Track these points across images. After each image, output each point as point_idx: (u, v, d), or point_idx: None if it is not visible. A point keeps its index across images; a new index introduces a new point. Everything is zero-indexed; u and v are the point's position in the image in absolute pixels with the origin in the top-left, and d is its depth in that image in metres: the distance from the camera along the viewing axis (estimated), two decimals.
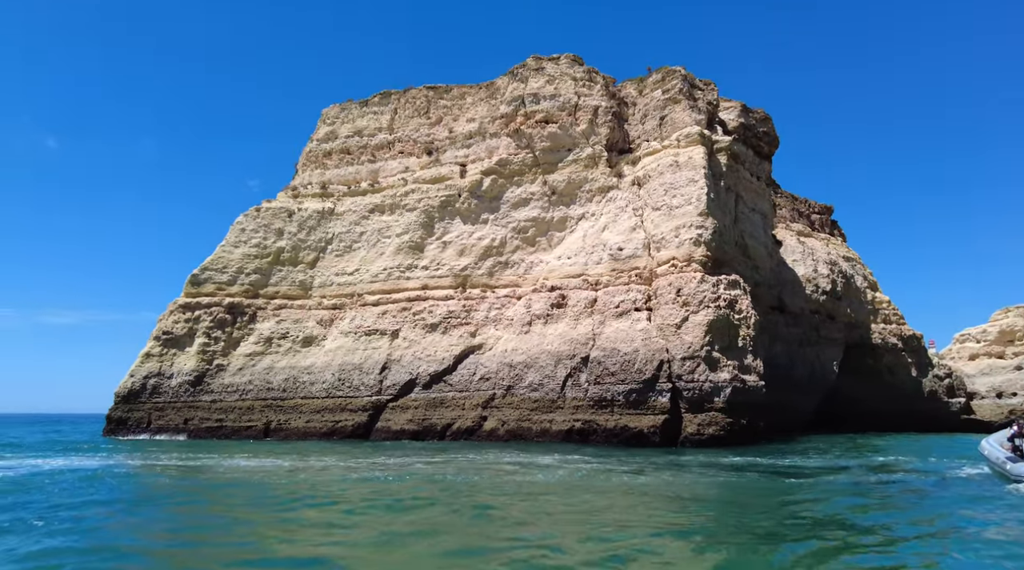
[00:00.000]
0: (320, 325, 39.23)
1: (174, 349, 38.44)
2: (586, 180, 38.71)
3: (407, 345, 36.60)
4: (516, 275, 38.34)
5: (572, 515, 10.89)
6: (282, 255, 41.94)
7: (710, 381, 29.34)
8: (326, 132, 46.98)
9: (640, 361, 30.74)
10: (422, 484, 15.21)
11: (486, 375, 34.37)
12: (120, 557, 8.37)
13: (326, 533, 9.66)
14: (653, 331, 31.57)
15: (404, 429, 33.76)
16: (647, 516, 10.92)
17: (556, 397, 31.99)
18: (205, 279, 40.46)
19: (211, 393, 37.37)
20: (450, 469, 18.30)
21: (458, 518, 11.01)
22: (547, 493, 13.59)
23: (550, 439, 30.63)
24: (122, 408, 36.80)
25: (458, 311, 36.94)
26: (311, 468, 19.13)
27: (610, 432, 29.99)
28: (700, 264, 32.03)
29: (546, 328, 34.45)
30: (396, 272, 39.54)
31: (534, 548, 8.40)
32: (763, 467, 18.84)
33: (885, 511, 11.72)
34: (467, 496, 13.36)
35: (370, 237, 41.55)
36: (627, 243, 35.36)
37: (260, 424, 35.89)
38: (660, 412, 29.62)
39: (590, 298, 34.40)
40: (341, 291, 40.41)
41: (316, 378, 36.84)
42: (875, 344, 50.05)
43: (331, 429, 34.65)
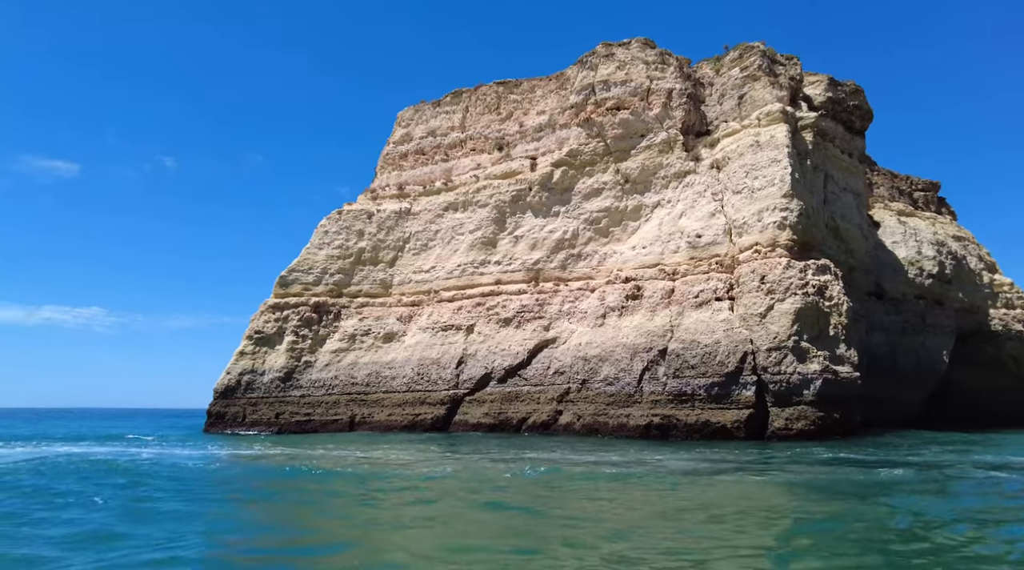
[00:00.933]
0: (400, 322, 40.22)
1: (265, 347, 40.60)
2: (661, 166, 37.43)
3: (482, 340, 36.83)
4: (589, 267, 37.67)
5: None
6: (363, 255, 43.32)
7: (798, 373, 27.57)
8: (401, 134, 48.08)
9: (722, 353, 29.35)
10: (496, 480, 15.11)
11: (560, 369, 33.99)
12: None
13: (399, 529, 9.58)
14: (736, 321, 30.05)
15: (481, 422, 34.00)
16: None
17: (633, 391, 31.13)
18: (292, 280, 42.46)
19: (300, 388, 39.19)
20: (525, 467, 18.12)
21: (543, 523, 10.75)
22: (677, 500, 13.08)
23: (627, 434, 29.85)
24: (220, 403, 39.28)
25: (531, 305, 36.76)
26: (391, 461, 19.55)
27: (691, 427, 28.85)
28: (785, 249, 30.16)
29: (621, 320, 33.61)
30: (470, 268, 39.87)
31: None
32: (870, 464, 17.35)
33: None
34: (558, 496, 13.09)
35: (444, 235, 42.13)
36: (706, 230, 33.87)
37: (346, 417, 37.27)
38: (744, 406, 28.17)
39: (667, 288, 33.22)
40: (419, 288, 41.24)
41: (397, 373, 37.80)
42: (995, 331, 45.39)
43: (411, 422, 35.45)
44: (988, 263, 49.27)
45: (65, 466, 17.55)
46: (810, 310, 28.40)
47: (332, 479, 15.21)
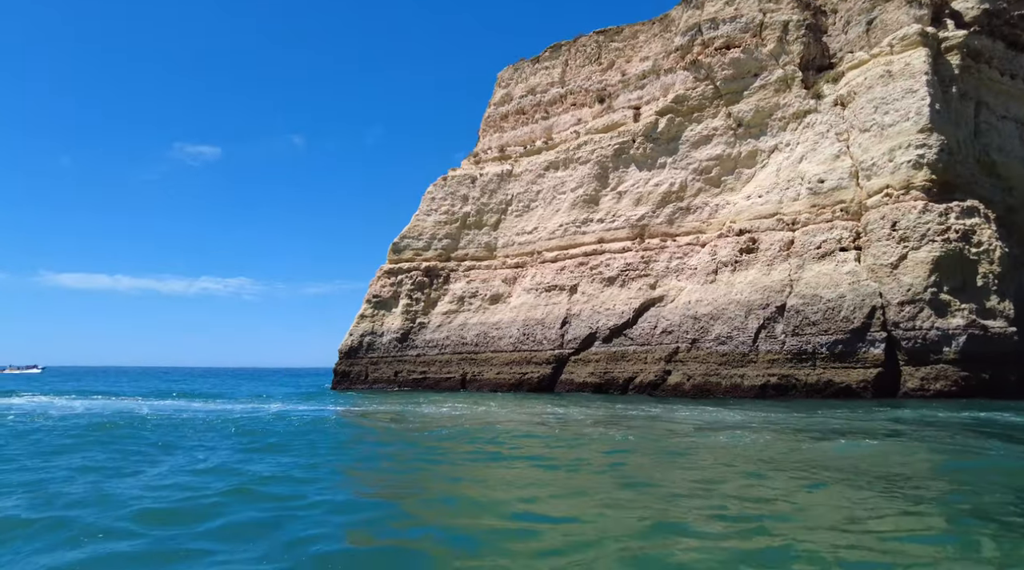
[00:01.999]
0: (505, 283, 40.75)
1: (383, 310, 42.86)
2: (777, 106, 34.44)
3: (585, 300, 36.46)
4: (699, 221, 35.81)
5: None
6: (468, 219, 44.10)
7: (937, 329, 24.78)
8: (501, 95, 47.81)
9: (847, 308, 27.00)
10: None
11: (668, 328, 32.93)
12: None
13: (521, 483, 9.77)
14: (862, 273, 27.43)
15: (586, 382, 33.94)
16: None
17: (747, 351, 29.56)
18: (404, 246, 44.22)
19: (415, 348, 41.12)
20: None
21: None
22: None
23: (741, 395, 28.51)
24: (345, 363, 42.19)
25: (636, 263, 35.71)
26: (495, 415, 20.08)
27: (811, 387, 27.01)
28: (922, 191, 26.85)
29: (734, 276, 31.80)
30: (572, 227, 39.34)
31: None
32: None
33: None
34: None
35: (546, 195, 41.77)
36: (829, 174, 30.91)
37: (457, 376, 38.71)
38: (872, 365, 25.86)
39: (785, 240, 30.89)
40: (522, 250, 41.42)
41: (504, 333, 38.52)
42: None
43: (518, 381, 36.12)
44: None
45: (273, 420, 19.39)
46: (951, 258, 25.23)
47: (455, 435, 15.80)
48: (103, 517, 7.11)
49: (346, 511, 7.68)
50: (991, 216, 26.91)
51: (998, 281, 25.14)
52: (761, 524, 6.72)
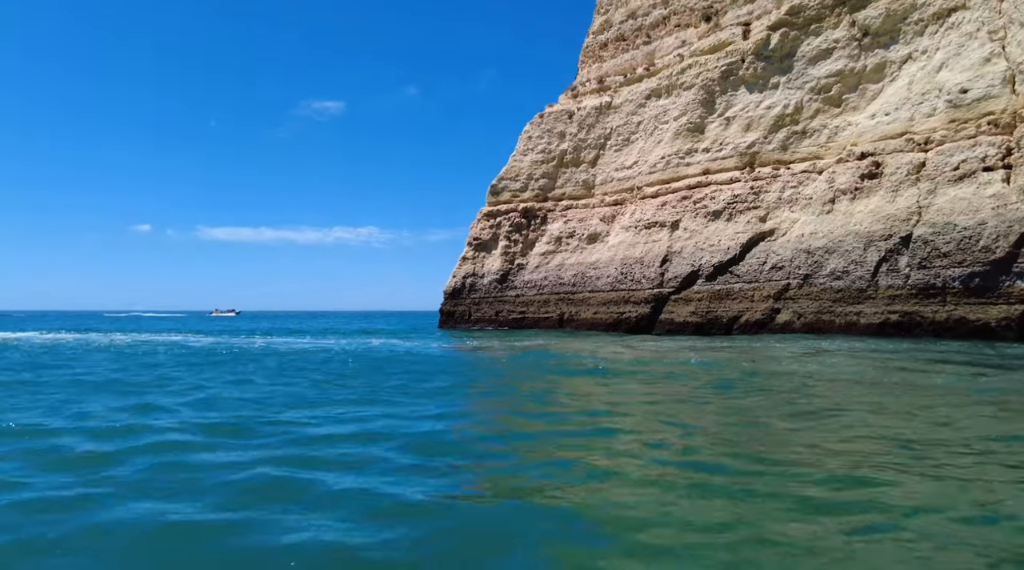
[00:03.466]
0: (603, 222, 39.74)
1: (483, 252, 43.51)
2: (915, 7, 29.92)
3: (688, 236, 34.71)
4: (816, 145, 32.50)
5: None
6: (565, 157, 43.09)
7: None
8: (601, 23, 45.41)
9: (987, 236, 23.64)
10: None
11: (778, 264, 30.67)
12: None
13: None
14: (1012, 196, 23.74)
15: (687, 321, 32.70)
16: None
17: (866, 286, 26.94)
18: (502, 188, 44.21)
19: (514, 289, 41.58)
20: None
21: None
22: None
23: (857, 333, 26.22)
24: (449, 303, 43.62)
25: (744, 194, 33.27)
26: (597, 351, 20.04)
27: (939, 325, 24.26)
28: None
29: (853, 205, 28.78)
30: (674, 159, 37.21)
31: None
32: None
33: None
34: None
35: (647, 126, 39.67)
36: (975, 81, 26.64)
37: (555, 315, 38.80)
38: (1017, 300, 22.63)
39: (915, 162, 27.32)
40: (621, 186, 39.97)
41: (601, 273, 37.84)
42: None
43: (616, 320, 35.56)
44: None
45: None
46: None
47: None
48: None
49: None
50: None
51: None
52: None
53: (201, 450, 6.60)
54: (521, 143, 44.84)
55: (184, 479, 5.44)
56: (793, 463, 5.82)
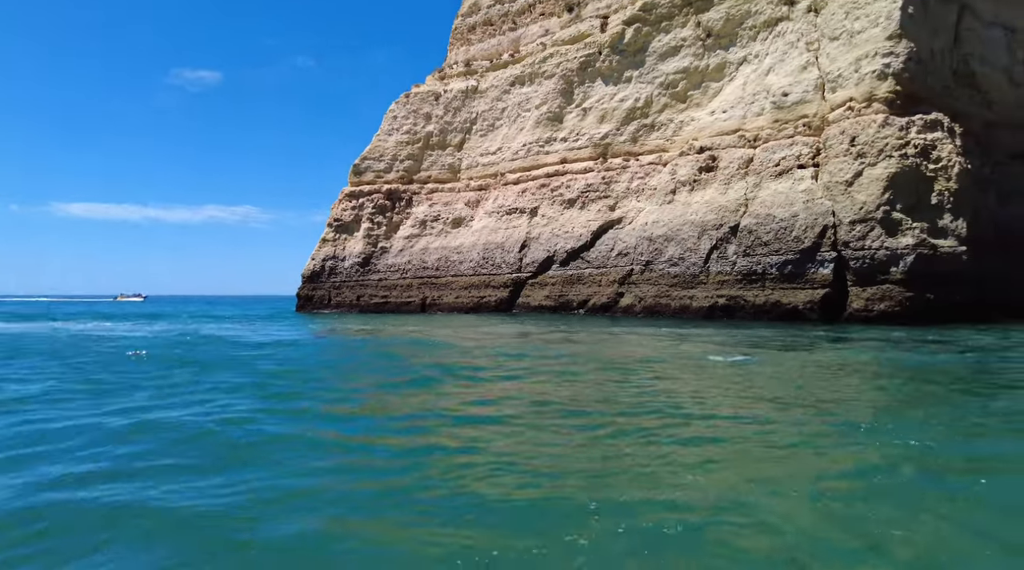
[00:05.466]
0: (468, 206, 39.75)
1: (345, 234, 42.11)
2: (749, 14, 32.22)
3: (545, 222, 35.55)
4: (663, 138, 34.32)
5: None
6: (431, 139, 42.55)
7: (886, 248, 23.90)
8: (469, 5, 45.08)
9: (799, 228, 26.07)
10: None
11: (624, 250, 32.17)
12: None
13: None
14: (818, 191, 26.31)
15: (542, 305, 33.56)
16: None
17: (698, 272, 28.89)
18: (365, 168, 42.93)
19: (377, 273, 40.67)
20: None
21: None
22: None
23: (690, 316, 28.10)
24: (308, 287, 41.90)
25: (596, 184, 34.53)
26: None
27: (759, 308, 26.51)
28: (884, 103, 25.29)
29: (691, 196, 30.71)
30: (535, 147, 37.89)
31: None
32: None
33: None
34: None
35: (511, 112, 40.03)
36: (794, 86, 29.20)
37: (417, 300, 38.42)
38: (820, 285, 25.19)
39: (745, 157, 29.58)
40: (486, 171, 40.14)
41: (464, 257, 37.89)
42: None
43: (477, 304, 35.80)
44: None
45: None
46: (907, 175, 24.02)
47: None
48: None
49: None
50: (956, 130, 25.46)
51: (953, 199, 24.03)
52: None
53: None
54: (386, 123, 43.73)
55: None
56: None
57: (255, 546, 3.62)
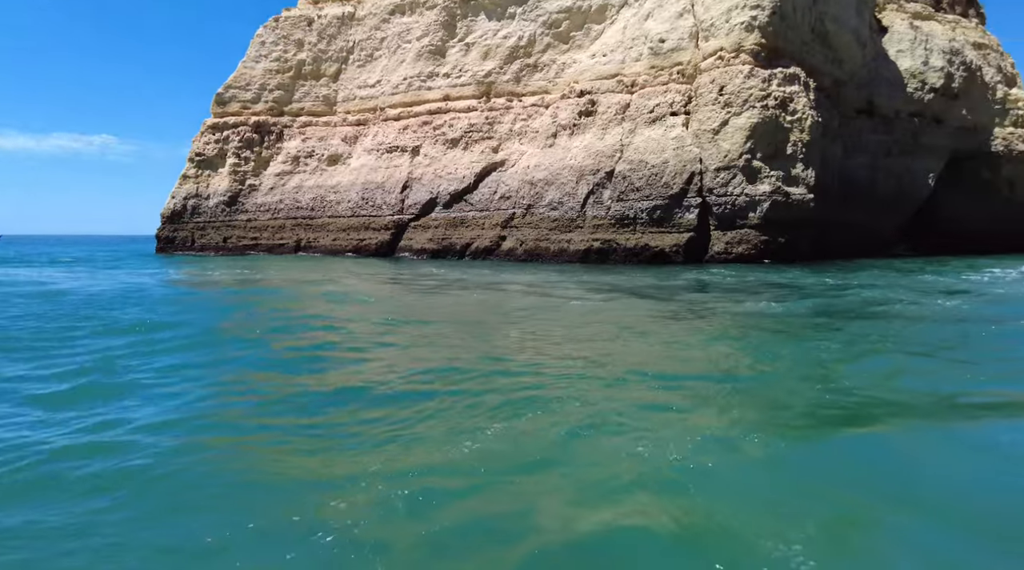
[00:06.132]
0: (345, 143, 37.70)
1: (208, 170, 38.74)
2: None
3: (428, 163, 34.53)
4: (546, 79, 33.99)
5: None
6: (304, 68, 39.53)
7: (746, 195, 25.48)
8: None
9: (668, 174, 27.07)
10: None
11: (507, 194, 32.06)
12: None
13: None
14: (688, 139, 27.31)
15: (425, 248, 32.98)
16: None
17: (576, 216, 29.44)
18: (230, 98, 39.31)
19: (246, 213, 37.99)
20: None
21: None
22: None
23: (567, 259, 28.75)
24: (168, 228, 38.47)
25: (480, 124, 33.82)
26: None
27: (630, 252, 27.55)
28: (751, 55, 26.39)
29: (571, 140, 30.90)
30: (416, 82, 36.28)
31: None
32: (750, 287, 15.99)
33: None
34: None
35: (391, 43, 37.87)
36: (671, 33, 29.69)
37: (292, 242, 36.47)
38: (686, 230, 26.54)
39: (622, 103, 30.00)
40: (364, 105, 38.05)
41: (342, 197, 36.18)
42: (995, 152, 41.81)
43: (356, 247, 34.56)
44: (1008, 75, 44.07)
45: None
46: (768, 125, 25.48)
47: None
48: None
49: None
50: (811, 85, 27.17)
51: (805, 149, 25.87)
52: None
53: None
54: (253, 49, 39.99)
55: None
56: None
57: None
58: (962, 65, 40.44)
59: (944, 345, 7.94)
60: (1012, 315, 10.86)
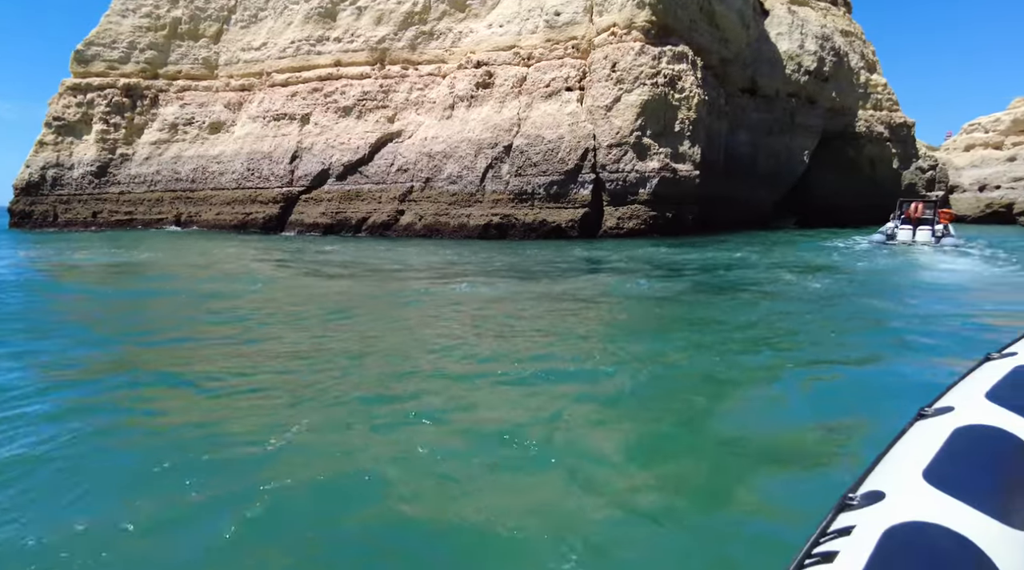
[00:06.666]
0: (228, 109, 35.20)
1: (70, 137, 35.01)
2: None
3: (319, 132, 32.96)
4: (442, 48, 33.18)
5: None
6: (180, 27, 36.33)
7: (636, 171, 26.25)
8: None
9: (564, 150, 27.36)
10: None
11: (404, 166, 31.26)
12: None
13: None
14: (582, 115, 27.66)
15: (317, 222, 31.66)
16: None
17: (475, 190, 29.22)
18: (93, 56, 35.51)
19: (118, 185, 34.80)
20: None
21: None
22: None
23: (466, 234, 28.56)
24: (24, 201, 34.57)
25: (374, 92, 32.60)
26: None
27: (528, 227, 27.77)
28: (642, 32, 26.95)
29: (469, 112, 30.47)
30: (305, 46, 34.33)
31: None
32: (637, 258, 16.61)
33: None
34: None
35: (276, 4, 35.50)
36: (566, 6, 29.74)
37: (171, 216, 33.88)
38: (580, 205, 27.04)
39: (519, 75, 29.86)
40: (248, 70, 35.60)
41: (226, 168, 33.90)
42: (859, 133, 45.56)
43: (242, 221, 32.62)
44: (869, 62, 47.92)
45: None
46: (657, 102, 26.26)
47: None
48: None
49: None
50: (698, 63, 28.20)
51: (692, 127, 26.94)
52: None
53: None
54: (118, 2, 36.20)
55: None
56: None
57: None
58: (832, 50, 43.43)
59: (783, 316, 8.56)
60: (838, 292, 11.91)
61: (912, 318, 8.57)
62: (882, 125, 45.82)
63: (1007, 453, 1.88)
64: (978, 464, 1.82)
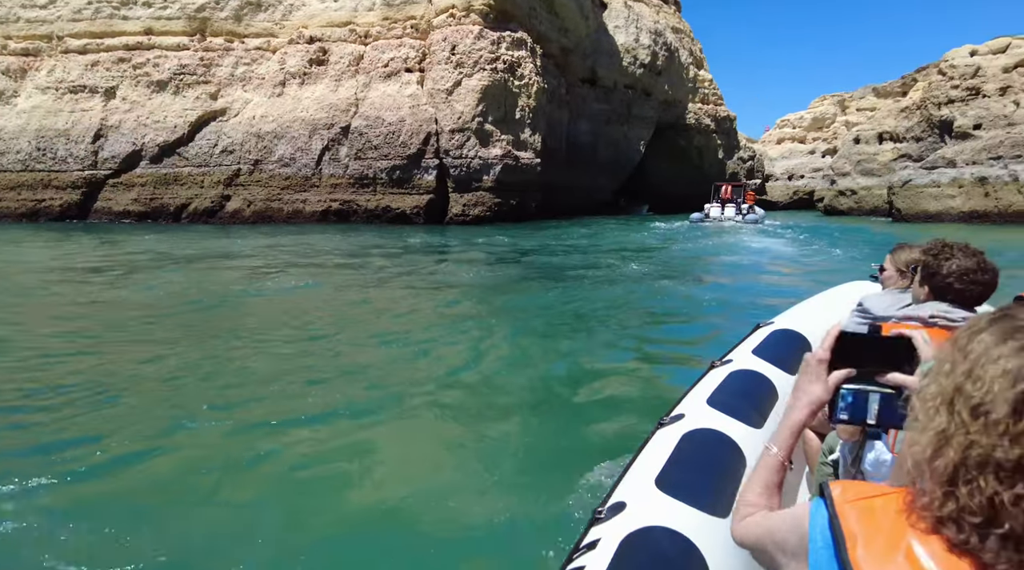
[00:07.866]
0: (8, 77, 29.97)
1: None
2: None
3: (128, 108, 29.11)
4: (271, 22, 30.62)
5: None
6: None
7: (480, 158, 26.02)
8: None
9: (406, 133, 26.43)
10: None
11: (229, 147, 28.53)
12: None
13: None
14: (423, 97, 26.87)
15: (129, 210, 28.04)
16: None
17: (311, 174, 27.42)
18: None
19: None
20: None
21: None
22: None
23: (303, 221, 26.75)
24: None
25: (194, 65, 29.35)
26: None
27: (371, 213, 26.61)
28: (480, 15, 26.64)
29: (302, 91, 28.45)
30: (107, 8, 30.09)
31: None
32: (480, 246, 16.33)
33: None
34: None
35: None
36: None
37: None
38: (425, 192, 26.35)
39: (356, 54, 28.36)
40: (33, 31, 30.52)
41: (8, 147, 28.90)
42: (689, 125, 49.08)
43: (33, 210, 28.04)
44: (697, 58, 51.67)
45: None
46: (497, 89, 26.16)
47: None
48: None
49: None
50: (537, 51, 28.47)
51: (532, 115, 27.21)
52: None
53: None
54: None
55: None
56: None
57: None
58: (664, 45, 46.15)
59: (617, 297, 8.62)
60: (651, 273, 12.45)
61: (695, 300, 8.99)
62: (709, 118, 49.70)
63: (719, 452, 2.10)
64: (696, 465, 2.00)
